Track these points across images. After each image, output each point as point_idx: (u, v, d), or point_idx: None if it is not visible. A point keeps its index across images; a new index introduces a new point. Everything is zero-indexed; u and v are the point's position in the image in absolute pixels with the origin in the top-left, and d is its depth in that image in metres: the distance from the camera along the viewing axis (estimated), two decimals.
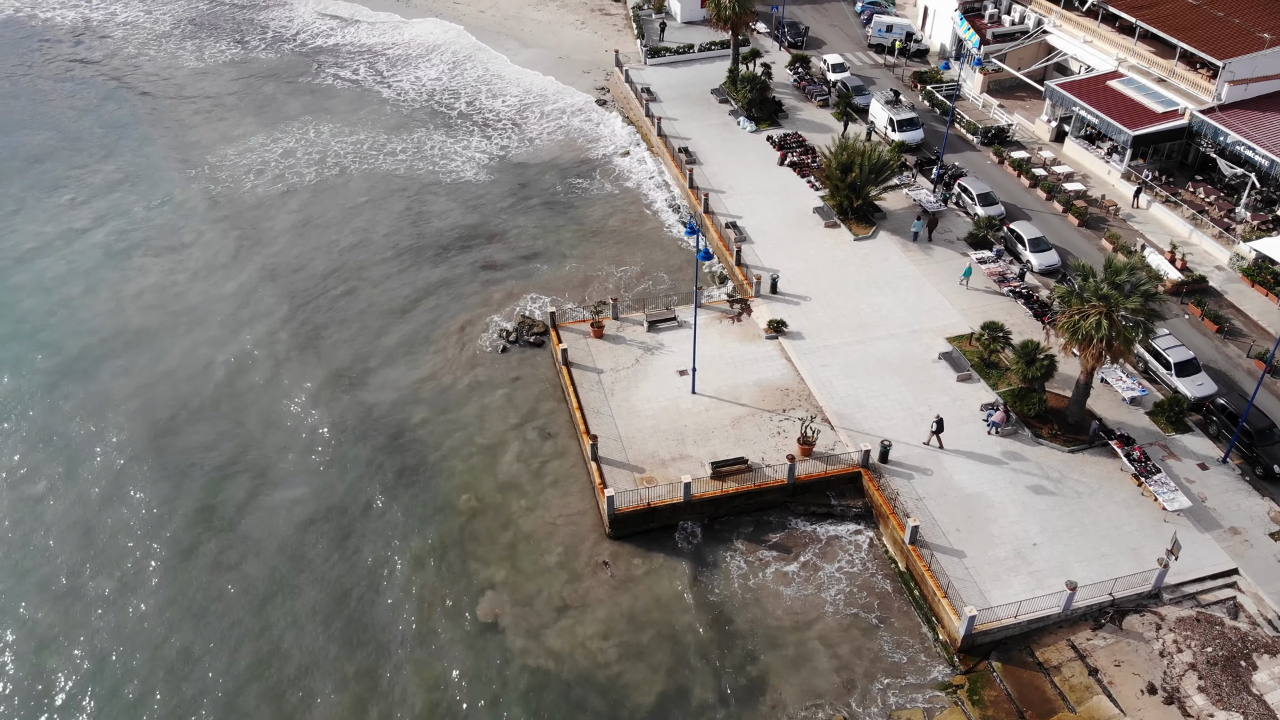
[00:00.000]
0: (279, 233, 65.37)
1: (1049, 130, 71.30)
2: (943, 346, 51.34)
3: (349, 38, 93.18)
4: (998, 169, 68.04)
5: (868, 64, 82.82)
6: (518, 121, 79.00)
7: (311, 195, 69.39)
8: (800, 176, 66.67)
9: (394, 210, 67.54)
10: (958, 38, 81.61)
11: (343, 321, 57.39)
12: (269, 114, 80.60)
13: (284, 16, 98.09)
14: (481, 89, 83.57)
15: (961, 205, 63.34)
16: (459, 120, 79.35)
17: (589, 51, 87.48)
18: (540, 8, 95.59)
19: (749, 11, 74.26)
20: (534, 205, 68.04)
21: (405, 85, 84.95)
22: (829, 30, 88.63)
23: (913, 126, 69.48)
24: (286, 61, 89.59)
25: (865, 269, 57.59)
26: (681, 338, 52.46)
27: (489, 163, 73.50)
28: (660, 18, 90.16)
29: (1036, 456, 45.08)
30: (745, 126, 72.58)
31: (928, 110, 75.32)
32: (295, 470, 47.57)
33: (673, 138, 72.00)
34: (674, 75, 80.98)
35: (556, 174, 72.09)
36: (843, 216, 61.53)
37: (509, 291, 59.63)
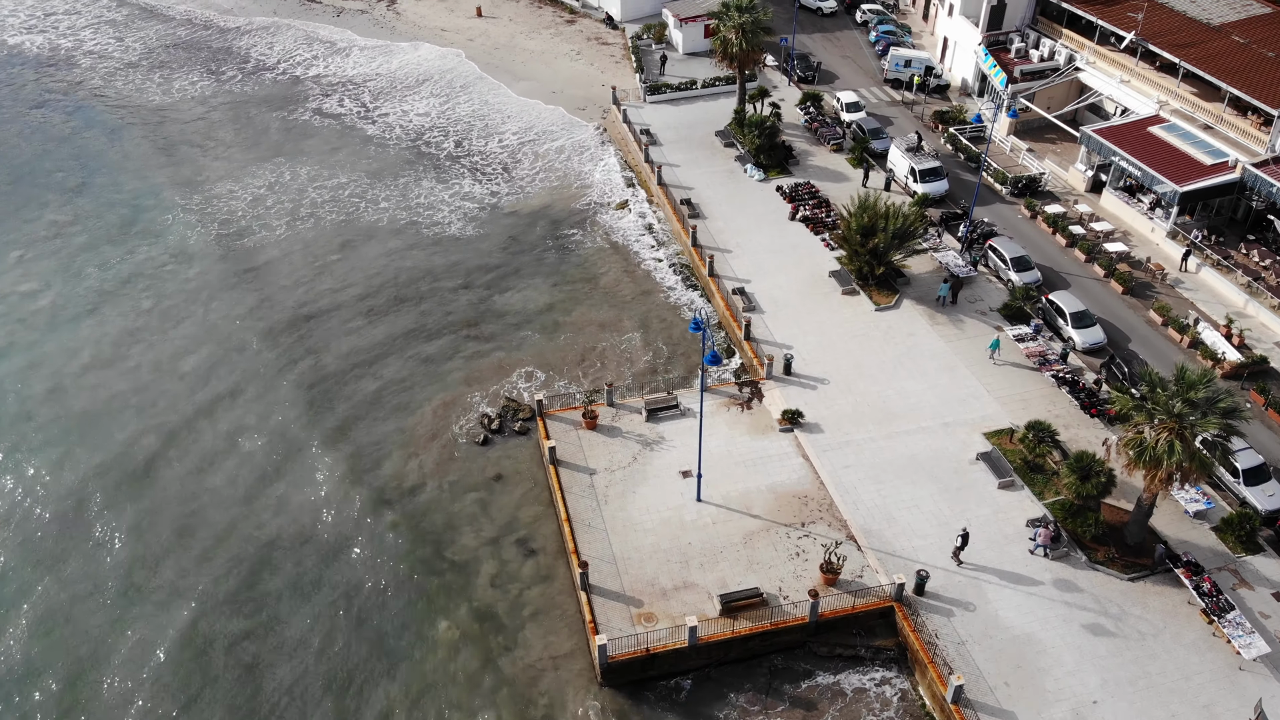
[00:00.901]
0: (242, 298, 59.52)
1: (1084, 180, 65.53)
2: (980, 444, 45.55)
3: (332, 68, 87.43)
4: (1030, 225, 62.26)
5: (884, 101, 77.07)
6: (509, 164, 73.28)
7: (280, 252, 63.58)
8: (813, 233, 60.90)
9: (371, 269, 61.76)
10: (981, 73, 75.91)
11: (305, 405, 51.57)
12: (240, 155, 74.83)
13: (264, 43, 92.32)
14: (474, 126, 77.76)
15: (992, 268, 57.57)
16: (447, 163, 73.61)
17: (585, 85, 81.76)
18: (533, 36, 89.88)
19: (757, 48, 68.54)
20: (524, 263, 62.27)
21: (391, 121, 79.23)
22: (841, 63, 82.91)
23: (936, 177, 63.70)
24: (263, 94, 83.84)
25: (889, 345, 51.81)
26: (684, 429, 46.70)
27: (477, 213, 67.72)
28: (660, 49, 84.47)
29: (1092, 586, 39.28)
30: (753, 175, 66.82)
31: (951, 155, 69.54)
32: (237, 592, 41.75)
33: (674, 187, 66.25)
34: (675, 114, 75.24)
35: (548, 225, 66.36)
36: (862, 282, 55.78)
37: (494, 365, 53.89)
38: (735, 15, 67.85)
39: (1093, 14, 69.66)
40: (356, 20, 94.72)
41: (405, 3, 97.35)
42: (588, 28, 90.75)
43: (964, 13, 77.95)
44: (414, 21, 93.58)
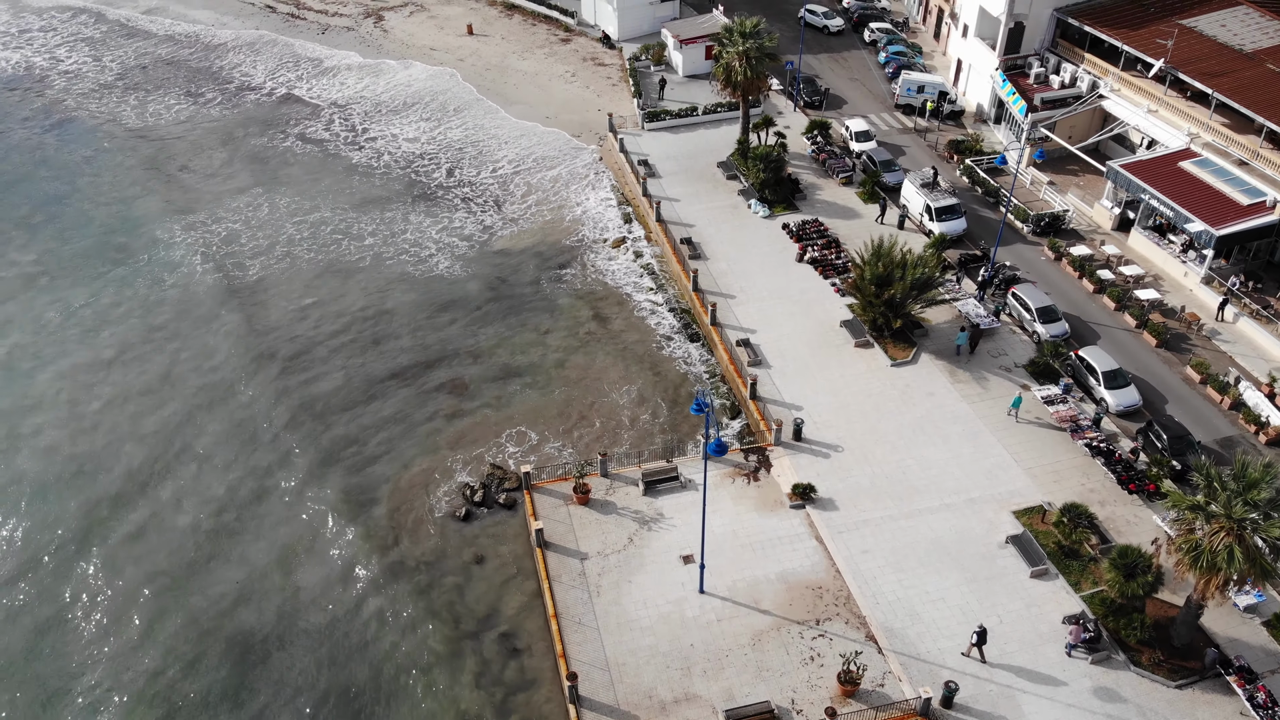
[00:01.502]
0: (210, 349, 55.53)
1: (1110, 218, 61.58)
2: (1009, 524, 41.62)
3: (316, 89, 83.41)
4: (1054, 268, 58.30)
5: (895, 128, 73.09)
6: (500, 196, 69.35)
7: (253, 296, 59.60)
8: (822, 277, 56.94)
9: (349, 315, 57.78)
10: (997, 99, 71.96)
11: (270, 471, 47.63)
12: (215, 186, 70.85)
13: (246, 63, 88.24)
14: (465, 153, 73.80)
15: (1015, 318, 53.62)
16: (436, 193, 69.68)
17: (580, 110, 77.78)
18: (526, 56, 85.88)
19: (762, 76, 64.58)
20: (514, 306, 58.32)
21: (378, 147, 75.31)
22: (849, 85, 78.93)
23: (954, 215, 59.74)
24: (243, 117, 79.83)
25: (907, 407, 47.84)
26: (686, 504, 42.76)
27: (466, 250, 63.76)
28: (659, 71, 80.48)
29: (1136, 694, 35.36)
30: (757, 211, 62.85)
31: (967, 189, 65.57)
32: (181, 685, 37.79)
33: (673, 224, 62.30)
34: (675, 143, 71.26)
35: (540, 264, 62.42)
36: (876, 334, 51.80)
37: (478, 424, 49.95)
38: (739, 41, 63.90)
39: (1117, 38, 65.73)
40: (343, 38, 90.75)
41: (393, 19, 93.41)
42: (583, 47, 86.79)
43: (979, 34, 74.03)
44: (402, 40, 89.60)
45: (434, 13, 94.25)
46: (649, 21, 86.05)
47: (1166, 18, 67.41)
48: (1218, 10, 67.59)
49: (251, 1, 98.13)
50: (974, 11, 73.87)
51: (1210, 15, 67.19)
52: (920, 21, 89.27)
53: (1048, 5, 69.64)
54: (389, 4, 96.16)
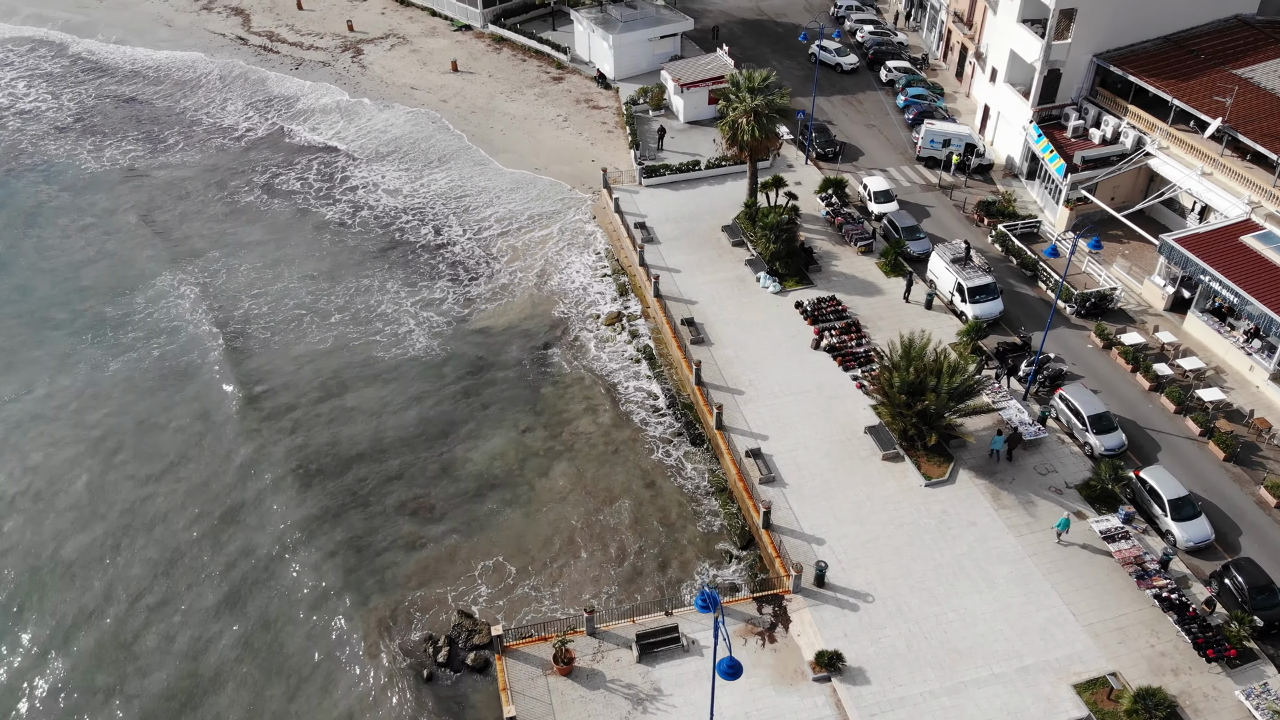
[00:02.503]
0: (147, 453, 48.98)
1: (1163, 297, 55.04)
2: (1070, 702, 35.14)
3: (288, 134, 76.86)
4: (1103, 358, 51.75)
5: (917, 184, 66.55)
6: (483, 260, 62.85)
7: (200, 389, 53.02)
8: (842, 368, 50.42)
9: (306, 413, 51.15)
10: (1029, 151, 65.45)
11: (203, 621, 41.06)
12: (169, 250, 64.25)
13: (214, 103, 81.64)
14: (447, 211, 67.24)
15: (1064, 423, 47.06)
16: (416, 256, 63.21)
17: (572, 159, 71.23)
18: (515, 96, 79.31)
19: (772, 136, 58.04)
20: (492, 400, 51.79)
21: (356, 200, 68.85)
22: (865, 133, 72.37)
23: (989, 295, 53.22)
24: (206, 165, 73.29)
25: (946, 540, 41.30)
26: (689, 674, 36.24)
27: (444, 327, 57.21)
28: (658, 116, 73.97)
29: None
30: (767, 286, 56.32)
31: (1000, 258, 59.03)
32: None
33: (673, 300, 55.80)
34: (675, 202, 64.73)
35: (524, 344, 55.94)
36: (907, 444, 45.24)
37: (444, 556, 43.40)
38: (746, 97, 57.37)
39: (1166, 91, 59.24)
40: (318, 74, 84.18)
41: (372, 54, 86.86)
42: (576, 86, 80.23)
43: (1009, 79, 67.55)
44: (381, 77, 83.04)
45: (416, 46, 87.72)
46: (647, 59, 79.59)
47: (1218, 66, 60.97)
48: (1275, 59, 61.09)
49: (222, 33, 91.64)
50: (1004, 55, 67.41)
51: (1267, 65, 60.63)
52: (940, 58, 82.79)
53: (1087, 50, 63.19)
54: (368, 36, 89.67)
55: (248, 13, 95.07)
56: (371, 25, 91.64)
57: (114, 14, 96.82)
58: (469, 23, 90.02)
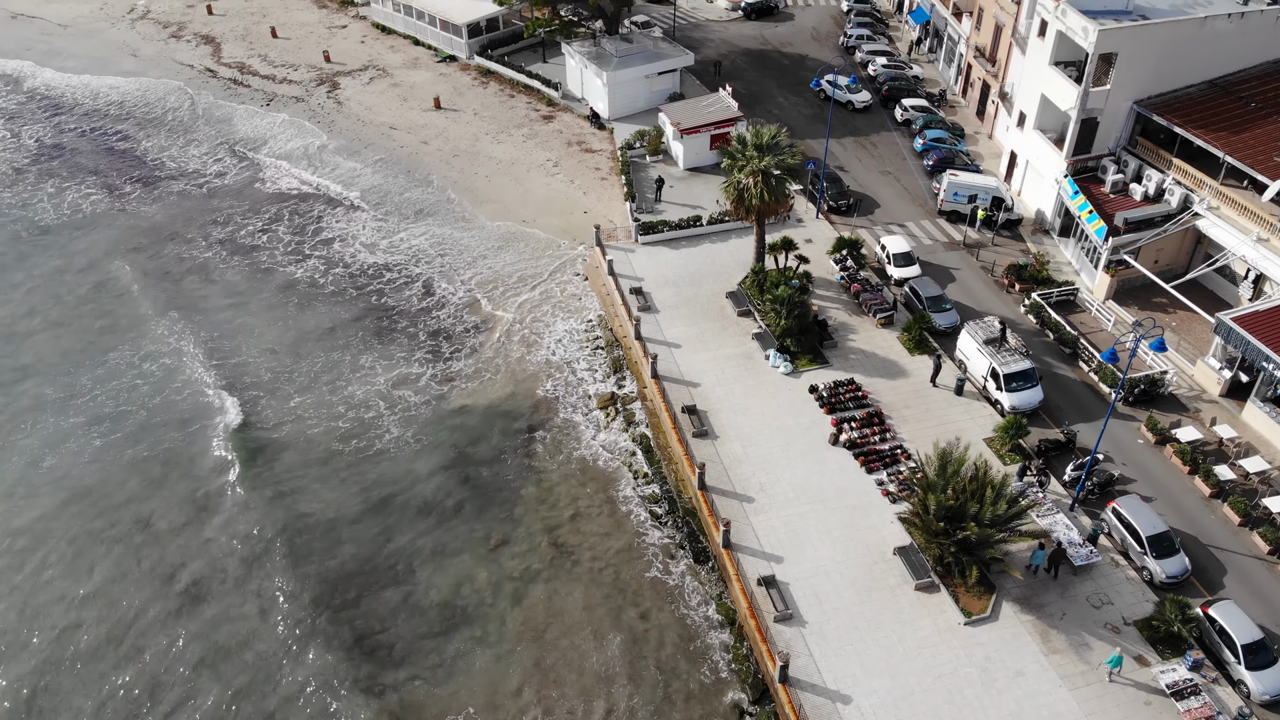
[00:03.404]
0: (74, 573, 43.23)
1: (1219, 381, 49.38)
2: None
3: (255, 179, 71.05)
4: (1155, 455, 46.07)
5: (939, 242, 60.87)
6: (467, 329, 57.09)
7: (142, 487, 47.18)
8: (865, 469, 44.71)
9: (246, 524, 45.23)
10: (1062, 205, 59.83)
11: None
12: (122, 311, 58.52)
13: (176, 144, 75.57)
14: (428, 271, 61.40)
15: (1116, 541, 41.38)
16: (394, 323, 57.42)
17: (563, 210, 65.52)
18: (502, 138, 73.54)
19: (782, 199, 52.34)
20: (465, 503, 45.99)
21: (329, 256, 63.04)
22: (881, 182, 66.69)
23: (1028, 383, 47.51)
24: (165, 215, 67.40)
25: (990, 696, 35.60)
26: None
27: (419, 409, 51.47)
28: (656, 162, 68.25)
29: None
30: (777, 365, 50.61)
31: (1034, 331, 53.39)
32: None
33: (673, 381, 50.08)
34: (675, 262, 59.04)
35: (506, 430, 50.23)
36: (943, 572, 39.51)
37: (409, 709, 37.51)
38: (754, 157, 51.69)
39: (1216, 145, 53.57)
40: (290, 110, 78.38)
41: (349, 88, 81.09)
42: (568, 126, 74.49)
43: (1040, 126, 61.91)
44: (357, 115, 77.25)
45: (397, 79, 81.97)
46: (644, 97, 73.90)
47: (1271, 116, 55.37)
48: None
49: (190, 64, 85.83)
50: (1034, 99, 61.75)
51: None
52: (960, 94, 77.18)
53: (1127, 97, 57.56)
54: (346, 68, 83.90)
55: (218, 41, 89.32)
56: (350, 55, 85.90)
57: (78, 42, 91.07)
58: (454, 53, 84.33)
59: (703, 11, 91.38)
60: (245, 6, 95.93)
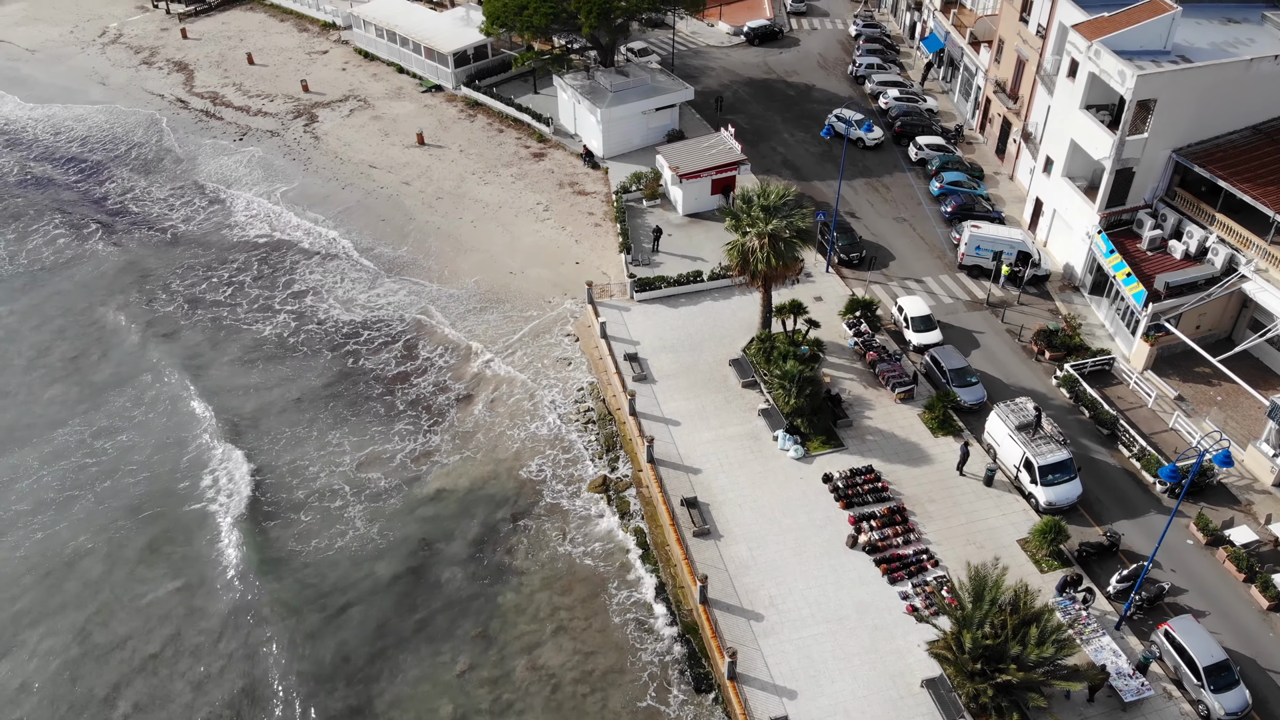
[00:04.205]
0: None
1: (1271, 470, 44.65)
2: None
3: (223, 224, 66.36)
4: (1205, 558, 41.37)
5: (960, 300, 56.18)
6: (445, 398, 52.38)
7: (45, 595, 42.49)
8: (888, 579, 39.94)
9: (177, 646, 40.50)
10: (1094, 262, 55.17)
11: None
12: (66, 383, 53.77)
13: (141, 186, 70.81)
14: (407, 326, 56.99)
15: (1169, 667, 36.68)
16: (368, 392, 52.72)
17: (552, 261, 60.81)
18: (489, 178, 68.82)
19: (792, 264, 47.62)
20: (433, 615, 41.00)
21: (302, 310, 58.50)
22: (894, 229, 62.00)
23: (1066, 474, 42.78)
24: (126, 265, 62.63)
25: None
26: None
27: (389, 494, 46.76)
28: (653, 207, 63.53)
29: None
30: (787, 448, 45.90)
31: (1067, 407, 48.69)
32: None
33: (671, 466, 45.38)
34: (673, 323, 54.36)
35: (485, 521, 45.53)
36: (978, 711, 34.73)
37: None
38: (760, 218, 46.98)
39: (1266, 203, 48.86)
40: (264, 146, 73.63)
41: (328, 120, 76.35)
42: (560, 164, 69.75)
43: (1069, 173, 57.23)
44: (335, 151, 72.49)
45: (379, 111, 77.24)
46: (641, 134, 69.22)
47: None
48: None
49: (161, 93, 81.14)
50: (1062, 144, 57.07)
51: None
52: (977, 129, 72.47)
53: (1165, 146, 52.89)
54: (325, 98, 79.17)
55: (191, 69, 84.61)
56: (330, 84, 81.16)
57: (46, 68, 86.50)
58: (439, 83, 79.60)
59: (703, 37, 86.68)
60: (222, 30, 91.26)
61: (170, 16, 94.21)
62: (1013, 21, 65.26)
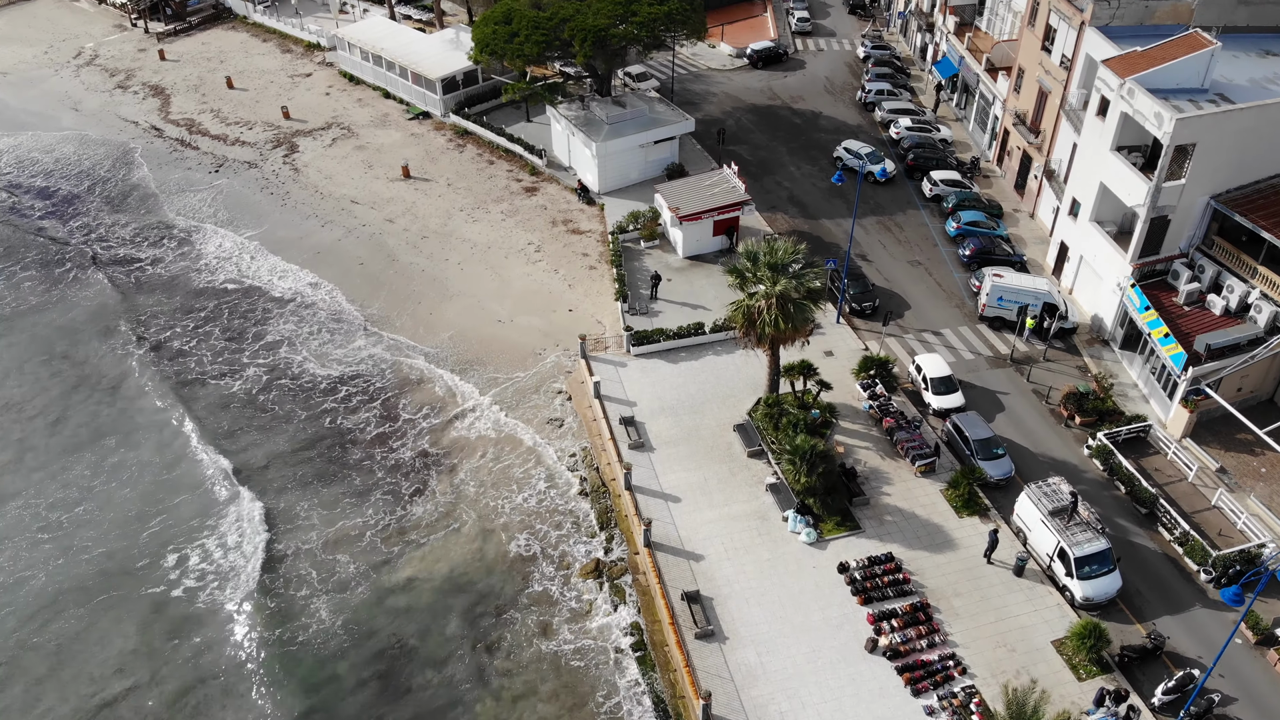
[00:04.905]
0: None
1: None
2: None
3: (193, 266, 62.36)
4: (1259, 663, 37.43)
5: (982, 356, 52.26)
6: (429, 468, 48.40)
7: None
8: (911, 690, 35.98)
9: None
10: (1125, 315, 51.29)
11: None
12: (17, 448, 49.85)
13: (105, 225, 66.62)
14: (388, 378, 53.15)
15: None
16: (343, 459, 48.75)
17: (544, 307, 56.92)
18: (477, 214, 64.90)
19: (803, 327, 43.66)
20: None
21: (275, 363, 54.54)
22: (908, 274, 58.10)
23: (1104, 566, 38.86)
24: (89, 312, 58.70)
25: None
26: None
27: (355, 581, 42.77)
28: (651, 248, 59.67)
29: None
30: (799, 532, 42.00)
31: (1101, 479, 44.82)
32: None
33: (670, 552, 41.49)
34: (673, 380, 50.48)
35: (462, 612, 41.61)
36: None
37: None
38: (767, 277, 43.05)
39: None
40: (240, 179, 69.67)
41: (309, 150, 72.39)
42: (553, 200, 65.83)
43: (1097, 217, 53.36)
44: (315, 185, 68.53)
45: (363, 140, 73.32)
46: (639, 168, 65.35)
47: None
48: None
49: (135, 120, 77.23)
50: (1090, 187, 53.23)
51: None
52: (995, 162, 68.56)
53: (1203, 192, 49.03)
54: (307, 126, 75.24)
55: (168, 93, 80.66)
56: (312, 110, 77.23)
57: (16, 92, 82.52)
58: (427, 109, 75.68)
59: (704, 59, 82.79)
60: (202, 51, 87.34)
61: (149, 36, 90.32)
62: (1034, 50, 61.37)
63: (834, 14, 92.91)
